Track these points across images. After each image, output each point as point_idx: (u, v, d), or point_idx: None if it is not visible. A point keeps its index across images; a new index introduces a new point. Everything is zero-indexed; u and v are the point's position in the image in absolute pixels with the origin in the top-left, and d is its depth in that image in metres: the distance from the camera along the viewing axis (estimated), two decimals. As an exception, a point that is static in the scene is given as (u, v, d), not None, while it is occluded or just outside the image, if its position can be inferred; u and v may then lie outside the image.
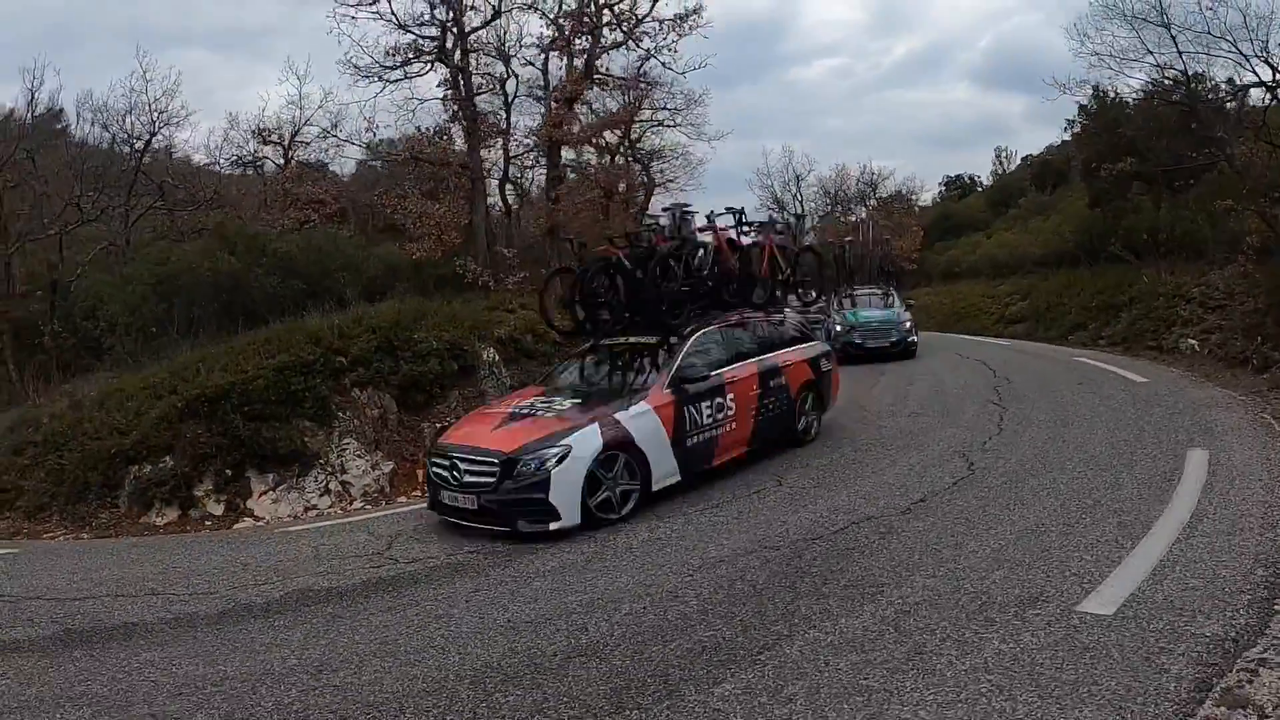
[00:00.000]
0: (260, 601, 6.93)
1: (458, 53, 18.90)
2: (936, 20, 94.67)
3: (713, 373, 9.88)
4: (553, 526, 8.06)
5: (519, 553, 7.72)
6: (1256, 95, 20.06)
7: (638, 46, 20.77)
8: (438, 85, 19.75)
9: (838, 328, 20.72)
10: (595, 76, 20.76)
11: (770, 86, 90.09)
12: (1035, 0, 76.80)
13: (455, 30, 19.00)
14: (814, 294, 13.51)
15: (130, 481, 11.50)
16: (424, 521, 9.52)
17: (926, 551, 6.54)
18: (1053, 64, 73.41)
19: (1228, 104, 21.04)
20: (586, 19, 19.98)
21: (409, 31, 18.75)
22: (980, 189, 53.63)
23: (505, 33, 20.42)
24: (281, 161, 27.34)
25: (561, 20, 19.97)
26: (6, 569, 8.49)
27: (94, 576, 8.11)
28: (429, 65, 19.25)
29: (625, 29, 20.34)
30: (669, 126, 26.02)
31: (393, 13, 18.77)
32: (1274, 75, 18.61)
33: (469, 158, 19.59)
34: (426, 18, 18.75)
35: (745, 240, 11.77)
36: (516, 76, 21.03)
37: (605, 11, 20.26)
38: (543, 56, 20.95)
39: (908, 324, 21.15)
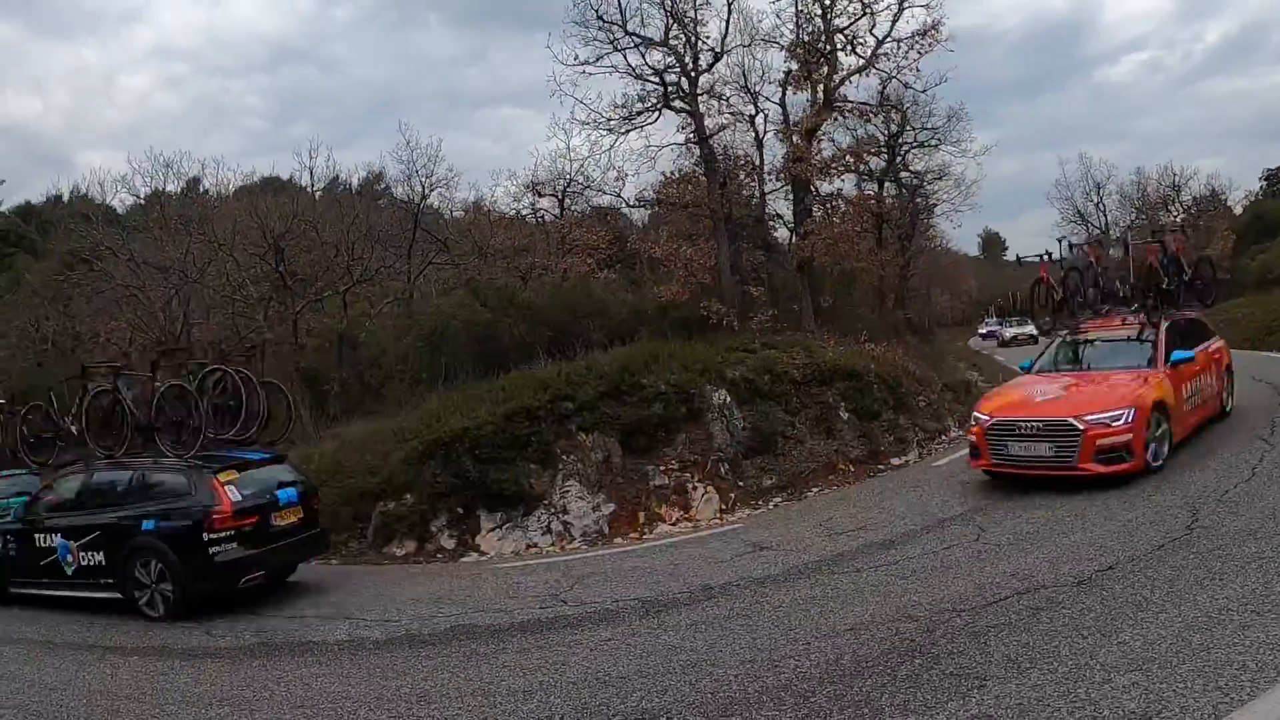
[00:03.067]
0: (425, 632, 8.08)
1: (692, 96, 19.93)
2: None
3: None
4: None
5: (674, 605, 8.19)
6: None
7: (877, 68, 20.74)
8: (678, 130, 20.89)
9: None
10: (835, 105, 20.94)
11: (1077, 92, 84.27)
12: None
13: (684, 74, 20.04)
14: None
15: (376, 516, 13.31)
16: (614, 565, 10.34)
17: (1067, 638, 6.01)
18: None
19: None
20: (821, 47, 20.24)
21: (644, 80, 20.04)
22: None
23: (748, 70, 21.21)
24: (558, 211, 29.75)
25: (798, 49, 20.34)
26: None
27: (313, 599, 9.76)
28: (657, 113, 20.41)
29: (861, 53, 20.43)
30: (930, 146, 25.50)
31: (629, 65, 20.10)
32: None
33: (709, 198, 20.40)
34: (653, 69, 19.94)
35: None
36: (765, 114, 21.69)
37: (839, 37, 20.43)
38: (780, 91, 21.41)
39: None
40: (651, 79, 20.54)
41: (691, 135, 20.56)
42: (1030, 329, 52.10)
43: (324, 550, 11.42)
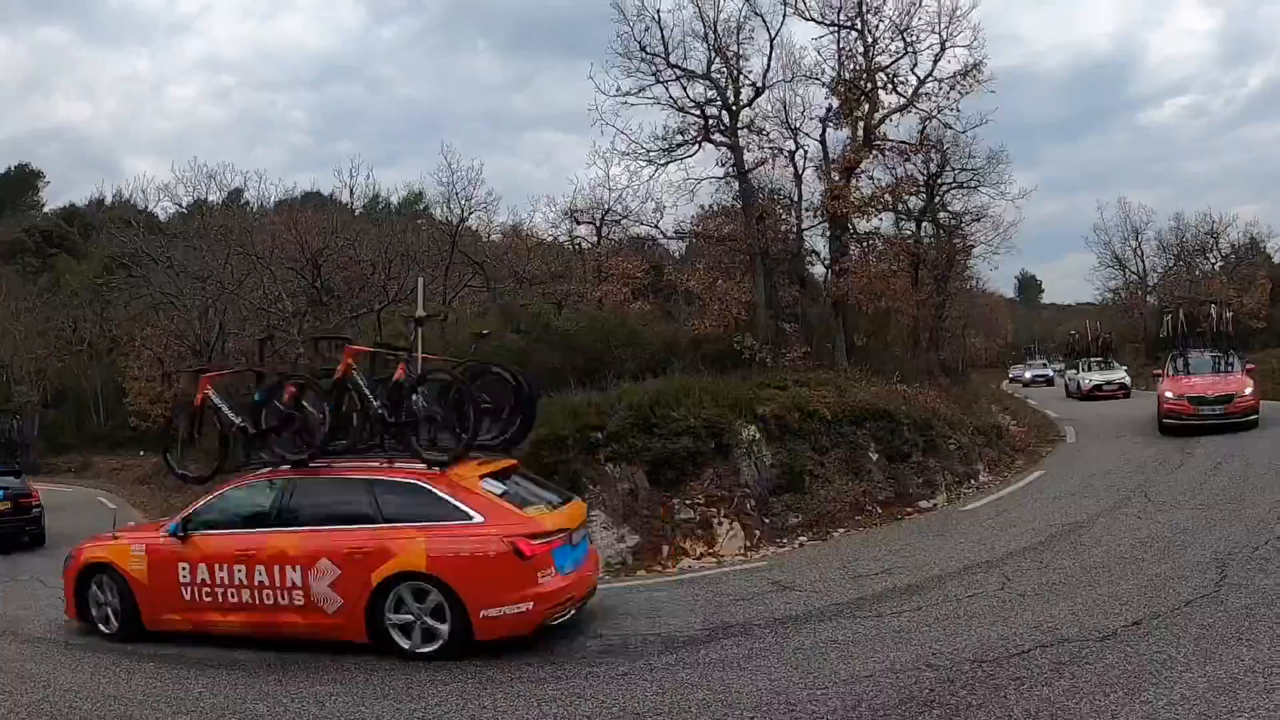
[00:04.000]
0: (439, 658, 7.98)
1: (732, 130, 20.14)
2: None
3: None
4: None
5: (693, 642, 8.11)
6: None
7: (917, 107, 20.87)
8: (717, 163, 21.11)
9: None
10: (875, 143, 21.04)
11: (1120, 134, 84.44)
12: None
13: (725, 108, 20.26)
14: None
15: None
16: (636, 598, 10.38)
17: (1089, 695, 5.88)
18: None
19: None
20: (863, 84, 20.38)
21: (685, 112, 20.28)
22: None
23: (789, 105, 21.39)
24: (595, 239, 29.97)
25: (839, 86, 20.51)
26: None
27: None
28: (697, 146, 20.63)
29: (902, 92, 20.59)
30: (970, 187, 25.53)
31: (671, 97, 20.39)
32: None
33: (747, 232, 20.53)
34: (694, 101, 20.19)
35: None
36: (804, 150, 21.87)
37: (881, 75, 20.58)
38: (820, 127, 21.59)
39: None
40: (692, 111, 20.81)
41: (731, 169, 20.75)
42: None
43: (32, 526, 18.42)
